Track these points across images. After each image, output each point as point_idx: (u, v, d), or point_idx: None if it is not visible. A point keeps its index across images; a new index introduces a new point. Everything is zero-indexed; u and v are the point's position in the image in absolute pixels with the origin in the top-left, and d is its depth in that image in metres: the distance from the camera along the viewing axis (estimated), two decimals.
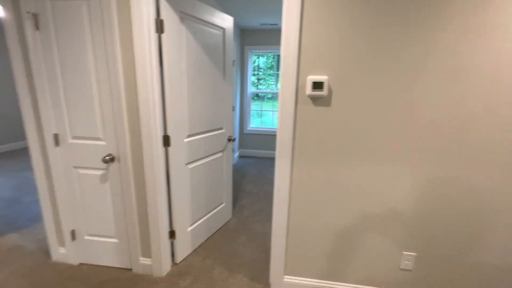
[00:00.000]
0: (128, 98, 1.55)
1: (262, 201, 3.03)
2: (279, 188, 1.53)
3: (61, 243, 1.88)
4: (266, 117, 5.30)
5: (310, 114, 1.41)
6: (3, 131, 4.85)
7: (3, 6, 1.46)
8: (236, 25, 4.10)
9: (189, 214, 1.97)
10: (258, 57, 4.92)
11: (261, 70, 5.13)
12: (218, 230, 2.39)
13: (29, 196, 3.02)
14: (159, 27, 1.50)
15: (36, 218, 2.54)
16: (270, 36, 4.42)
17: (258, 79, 5.23)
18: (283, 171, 1.50)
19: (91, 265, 1.89)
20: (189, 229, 2.00)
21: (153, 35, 1.47)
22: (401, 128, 1.34)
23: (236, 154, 4.76)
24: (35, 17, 1.46)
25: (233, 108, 4.13)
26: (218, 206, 2.35)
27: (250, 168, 4.24)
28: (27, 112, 1.62)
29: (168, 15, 1.54)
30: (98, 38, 1.46)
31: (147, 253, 1.80)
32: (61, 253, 1.89)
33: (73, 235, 1.84)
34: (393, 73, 1.28)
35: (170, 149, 1.70)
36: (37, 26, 1.48)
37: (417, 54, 1.24)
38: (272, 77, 5.06)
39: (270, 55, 4.81)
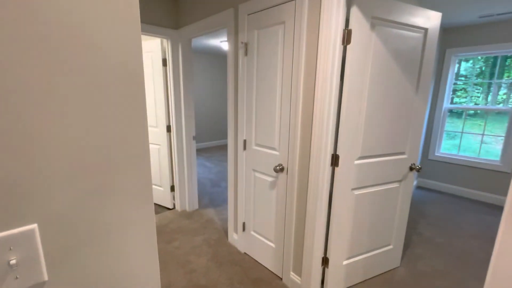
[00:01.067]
0: (303, 113, 1.56)
1: (449, 259, 2.18)
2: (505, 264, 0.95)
3: (235, 230, 2.26)
4: (466, 141, 3.85)
5: None
6: (216, 131, 6.81)
7: (228, 40, 1.92)
8: None
9: (347, 245, 1.72)
10: (459, 62, 3.69)
11: (463, 78, 3.78)
12: (378, 275, 1.95)
13: (225, 182, 3.97)
14: (346, 38, 1.39)
15: (226, 201, 3.27)
16: (490, 31, 3.16)
17: (454, 90, 3.91)
18: None
19: (251, 257, 2.12)
20: (345, 262, 1.75)
21: (338, 47, 1.38)
22: None
23: (414, 184, 3.83)
24: (245, 45, 1.81)
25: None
26: (384, 246, 1.91)
27: (433, 207, 3.25)
28: (230, 119, 2.06)
29: (358, 23, 1.39)
30: (287, 58, 1.58)
31: (297, 270, 1.76)
32: (234, 238, 2.27)
33: (243, 226, 2.14)
34: None
35: (337, 169, 1.55)
36: (246, 53, 1.83)
37: None
38: (479, 88, 3.59)
39: (479, 57, 3.45)
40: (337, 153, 1.53)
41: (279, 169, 1.72)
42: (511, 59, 3.26)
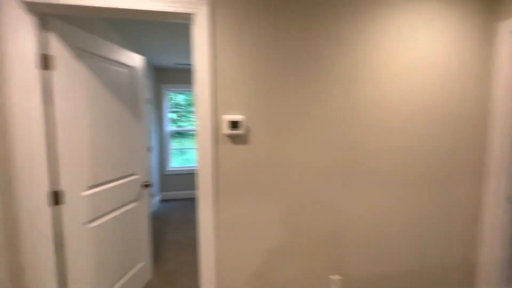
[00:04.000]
0: None
1: (188, 250, 2.74)
2: (205, 234, 1.41)
3: None
4: (190, 155, 5.08)
5: (230, 153, 1.40)
6: None
7: None
8: (149, 63, 3.98)
9: (96, 286, 1.57)
10: (176, 94, 4.84)
11: (181, 107, 5.01)
12: None
13: None
14: (47, 63, 1.28)
15: None
16: (186, 74, 4.45)
17: (180, 116, 5.07)
18: (207, 214, 1.40)
19: None
20: None
21: (36, 72, 1.23)
22: (306, 161, 1.49)
23: (157, 199, 4.29)
24: None
25: (149, 149, 3.81)
26: (134, 267, 1.97)
27: (174, 213, 3.87)
28: None
29: (61, 51, 1.33)
30: None
31: None
32: None
33: None
34: (296, 114, 1.44)
35: (64, 207, 1.36)
36: None
37: (309, 101, 1.45)
38: (194, 114, 5.00)
39: (190, 93, 4.80)
40: (61, 188, 1.35)
41: None
42: None
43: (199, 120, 1.36)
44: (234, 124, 1.36)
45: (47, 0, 1.18)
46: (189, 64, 4.08)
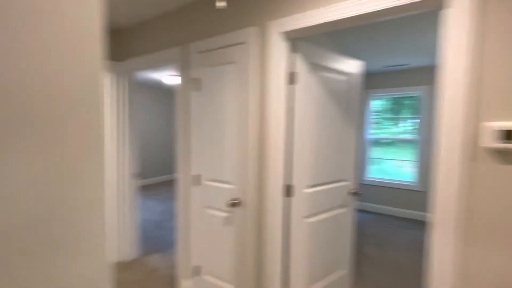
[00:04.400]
0: (258, 147, 1.61)
1: (388, 274, 2.39)
2: (439, 272, 1.10)
3: (186, 276, 2.04)
4: (383, 166, 4.52)
5: (495, 175, 0.99)
6: (159, 166, 6.39)
7: (179, 75, 1.93)
8: None
9: (306, 276, 1.74)
10: (372, 100, 4.50)
11: (377, 113, 4.60)
12: None
13: (171, 223, 3.63)
14: (293, 79, 1.56)
15: (173, 245, 2.96)
16: (392, 78, 4.02)
17: (372, 123, 4.69)
18: (445, 250, 1.08)
19: None
20: None
21: (286, 87, 1.52)
22: None
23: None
24: (198, 81, 1.84)
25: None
26: (334, 272, 1.99)
27: (370, 226, 3.60)
28: (181, 154, 1.97)
29: (302, 67, 1.58)
30: (239, 95, 1.66)
31: None
32: (184, 286, 2.04)
33: (196, 270, 1.96)
34: None
35: (292, 199, 1.61)
36: (198, 88, 1.84)
37: None
38: (390, 121, 4.42)
39: (388, 98, 4.30)
40: (292, 183, 1.60)
41: (236, 203, 1.69)
42: (409, 99, 4.13)
43: (442, 128, 1.08)
44: (509, 135, 0.94)
45: (297, 27, 1.42)
46: (402, 65, 3.62)
